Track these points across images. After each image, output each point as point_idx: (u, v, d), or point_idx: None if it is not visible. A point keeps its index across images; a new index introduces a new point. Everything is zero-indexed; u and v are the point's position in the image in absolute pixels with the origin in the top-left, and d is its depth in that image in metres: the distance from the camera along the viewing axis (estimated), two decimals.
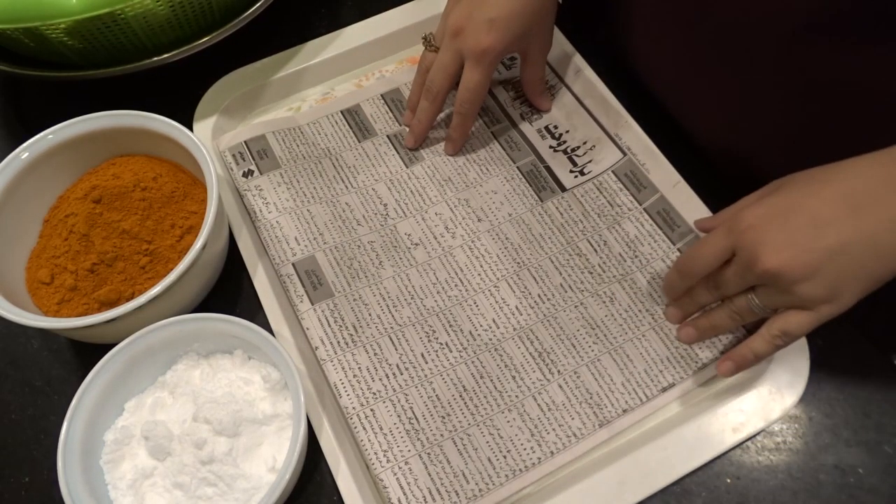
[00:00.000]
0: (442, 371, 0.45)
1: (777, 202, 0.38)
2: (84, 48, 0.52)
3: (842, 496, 0.42)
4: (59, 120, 0.48)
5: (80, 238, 0.46)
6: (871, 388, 0.45)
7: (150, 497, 0.41)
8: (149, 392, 0.44)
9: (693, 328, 0.44)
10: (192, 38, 0.54)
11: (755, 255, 0.38)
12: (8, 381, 0.48)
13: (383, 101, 0.56)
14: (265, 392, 0.43)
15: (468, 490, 0.41)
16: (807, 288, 0.37)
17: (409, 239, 0.50)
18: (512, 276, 0.48)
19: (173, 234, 0.47)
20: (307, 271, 0.48)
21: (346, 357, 0.45)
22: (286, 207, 0.50)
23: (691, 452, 0.42)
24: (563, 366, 0.44)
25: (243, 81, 0.56)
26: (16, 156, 0.47)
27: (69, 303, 0.45)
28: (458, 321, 0.46)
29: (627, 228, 0.49)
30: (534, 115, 0.55)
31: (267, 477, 0.41)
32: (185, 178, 0.49)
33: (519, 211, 0.50)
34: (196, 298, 0.47)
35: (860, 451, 0.43)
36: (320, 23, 0.62)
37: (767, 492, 0.42)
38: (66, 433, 0.40)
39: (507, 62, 0.57)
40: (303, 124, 0.55)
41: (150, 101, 0.51)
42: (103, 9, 0.48)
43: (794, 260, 0.37)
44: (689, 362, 0.44)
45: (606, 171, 0.51)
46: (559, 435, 0.42)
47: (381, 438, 0.42)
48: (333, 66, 0.58)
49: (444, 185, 0.52)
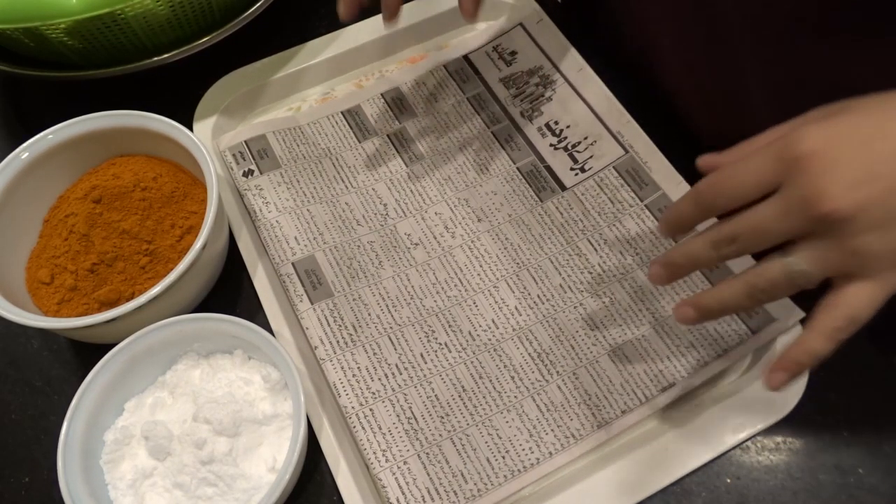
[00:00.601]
0: (441, 371, 0.45)
1: (851, 123, 0.29)
2: (84, 48, 0.52)
3: (842, 496, 0.42)
4: (59, 120, 0.48)
5: (80, 238, 0.46)
6: (871, 388, 0.45)
7: (150, 497, 0.41)
8: (149, 392, 0.44)
9: (692, 307, 0.34)
10: (192, 38, 0.54)
11: (818, 191, 0.28)
12: (8, 381, 0.48)
13: (383, 100, 0.56)
14: (265, 392, 0.43)
15: (467, 490, 0.41)
16: (879, 242, 0.28)
17: (408, 239, 0.50)
18: (511, 277, 0.48)
19: (173, 234, 0.47)
20: (307, 271, 0.48)
21: (345, 357, 0.45)
22: (286, 207, 0.50)
23: (691, 452, 0.42)
24: (563, 366, 0.44)
25: (243, 81, 0.56)
26: (16, 156, 0.47)
27: (69, 303, 0.45)
28: (458, 321, 0.46)
29: (628, 225, 0.49)
30: (534, 113, 0.55)
31: (267, 477, 0.41)
32: (185, 178, 0.49)
33: (519, 211, 0.50)
34: (196, 298, 0.47)
35: (860, 451, 0.43)
36: (320, 23, 0.62)
37: (767, 492, 0.42)
38: (66, 433, 0.40)
39: (508, 58, 0.57)
40: (303, 124, 0.55)
41: (150, 101, 0.51)
42: (103, 9, 0.48)
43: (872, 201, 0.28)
44: (689, 361, 0.44)
45: (608, 168, 0.51)
46: (558, 436, 0.42)
47: (379, 438, 0.42)
48: (333, 66, 0.58)
49: (443, 184, 0.52)
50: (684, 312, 0.35)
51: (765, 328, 0.44)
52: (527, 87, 0.56)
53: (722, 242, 0.32)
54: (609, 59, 0.56)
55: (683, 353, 0.44)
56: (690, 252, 0.34)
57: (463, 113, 0.55)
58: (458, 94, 0.56)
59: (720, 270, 0.46)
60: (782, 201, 0.30)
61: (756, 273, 0.32)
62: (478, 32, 0.59)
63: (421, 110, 0.56)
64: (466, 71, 0.57)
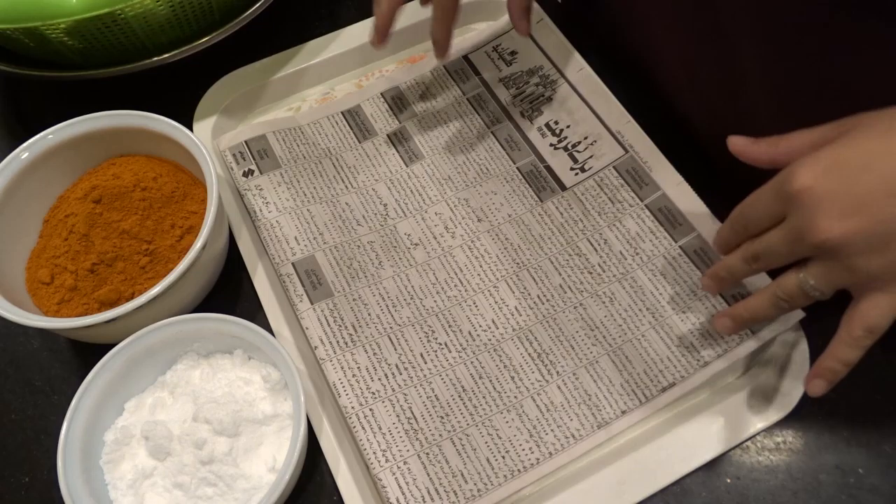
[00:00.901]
0: (441, 371, 0.45)
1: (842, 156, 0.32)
2: (84, 48, 0.52)
3: (842, 496, 0.42)
4: (59, 120, 0.48)
5: (80, 238, 0.46)
6: (871, 388, 0.45)
7: (150, 497, 0.41)
8: (149, 392, 0.44)
9: (729, 318, 0.39)
10: (192, 38, 0.54)
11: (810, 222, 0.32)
12: (8, 381, 0.48)
13: (383, 100, 0.56)
14: (265, 392, 0.43)
15: (466, 490, 0.41)
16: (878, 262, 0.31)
17: (408, 239, 0.50)
18: (511, 277, 0.48)
19: (173, 234, 0.47)
20: (307, 271, 0.48)
21: (345, 357, 0.45)
22: (286, 207, 0.50)
23: (691, 452, 0.42)
24: (562, 367, 0.44)
25: (243, 81, 0.56)
26: (16, 156, 0.47)
27: (69, 303, 0.45)
28: (458, 321, 0.46)
29: (628, 225, 0.49)
30: (534, 113, 0.55)
31: (267, 477, 0.41)
32: (185, 178, 0.49)
33: (518, 212, 0.50)
34: (196, 298, 0.47)
35: (860, 451, 0.43)
36: (320, 23, 0.62)
37: (767, 492, 0.42)
38: (66, 433, 0.40)
39: (508, 58, 0.57)
40: (303, 124, 0.55)
41: (150, 101, 0.51)
42: (103, 9, 0.48)
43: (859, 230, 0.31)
44: (689, 361, 0.44)
45: (608, 167, 0.51)
46: (557, 436, 0.42)
47: (379, 438, 0.42)
48: (333, 66, 0.58)
49: (443, 184, 0.52)
50: (723, 322, 0.40)
51: (764, 329, 0.43)
52: (527, 87, 0.56)
53: (750, 259, 0.37)
54: (609, 59, 0.56)
55: (683, 353, 0.44)
56: (729, 267, 0.39)
57: (463, 113, 0.55)
58: (458, 94, 0.56)
59: None
60: (786, 231, 0.34)
61: (778, 286, 0.36)
62: (478, 32, 0.59)
63: (421, 110, 0.56)
64: (466, 71, 0.57)
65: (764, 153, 0.37)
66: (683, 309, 0.45)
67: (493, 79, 0.56)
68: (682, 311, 0.45)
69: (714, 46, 0.47)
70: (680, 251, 0.47)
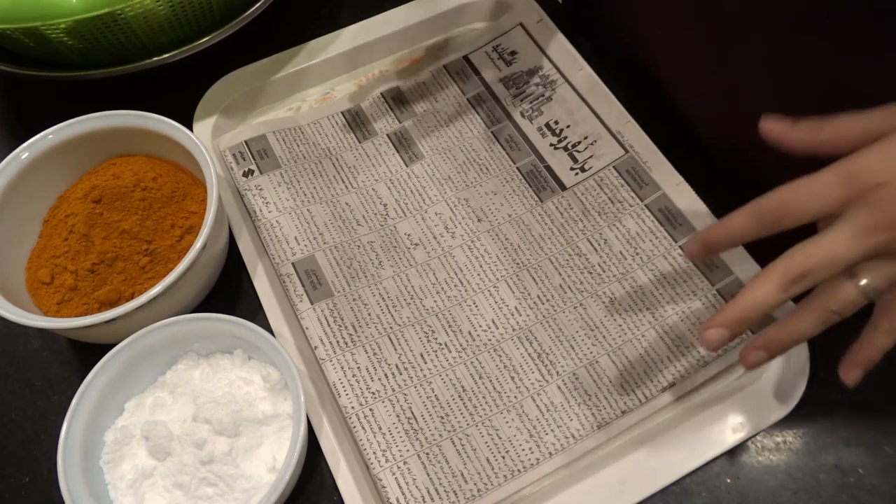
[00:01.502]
0: (441, 371, 0.45)
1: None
2: (84, 48, 0.52)
3: (842, 496, 0.42)
4: (59, 120, 0.48)
5: (80, 238, 0.46)
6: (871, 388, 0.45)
7: (150, 497, 0.41)
8: (149, 392, 0.44)
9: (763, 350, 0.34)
10: (192, 38, 0.54)
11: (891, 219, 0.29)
12: (8, 381, 0.48)
13: (383, 100, 0.56)
14: (265, 392, 0.43)
15: (466, 490, 0.41)
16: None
17: (408, 239, 0.50)
18: (511, 277, 0.48)
19: (173, 234, 0.47)
20: (307, 271, 0.48)
21: (345, 357, 0.45)
22: (286, 207, 0.50)
23: (691, 452, 0.42)
24: (562, 367, 0.44)
25: (243, 81, 0.56)
26: (16, 156, 0.47)
27: (69, 303, 0.45)
28: (458, 321, 0.46)
29: (628, 225, 0.49)
30: (534, 113, 0.55)
31: (267, 477, 0.41)
32: (185, 178, 0.49)
33: (518, 212, 0.50)
34: (196, 298, 0.47)
35: (860, 451, 0.43)
36: (320, 23, 0.62)
37: (767, 492, 0.42)
38: (66, 433, 0.40)
39: (508, 58, 0.57)
40: (303, 124, 0.55)
41: (150, 101, 0.51)
42: (103, 9, 0.48)
43: None
44: (689, 361, 0.44)
45: (608, 167, 0.51)
46: (557, 436, 0.42)
47: (379, 438, 0.42)
48: (333, 66, 0.58)
49: (443, 183, 0.52)
50: (756, 357, 0.34)
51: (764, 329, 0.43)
52: (527, 87, 0.56)
53: (792, 283, 0.32)
54: (609, 59, 0.56)
55: (683, 353, 0.44)
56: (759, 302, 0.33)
57: (463, 113, 0.55)
58: (458, 94, 0.56)
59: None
60: (854, 230, 0.30)
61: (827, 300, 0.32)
62: (478, 32, 0.59)
63: (421, 110, 0.56)
64: (466, 71, 0.57)
65: (806, 139, 0.33)
66: (683, 309, 0.45)
67: (493, 79, 0.56)
68: (682, 310, 0.45)
69: (715, 46, 0.47)
70: (680, 251, 0.47)
